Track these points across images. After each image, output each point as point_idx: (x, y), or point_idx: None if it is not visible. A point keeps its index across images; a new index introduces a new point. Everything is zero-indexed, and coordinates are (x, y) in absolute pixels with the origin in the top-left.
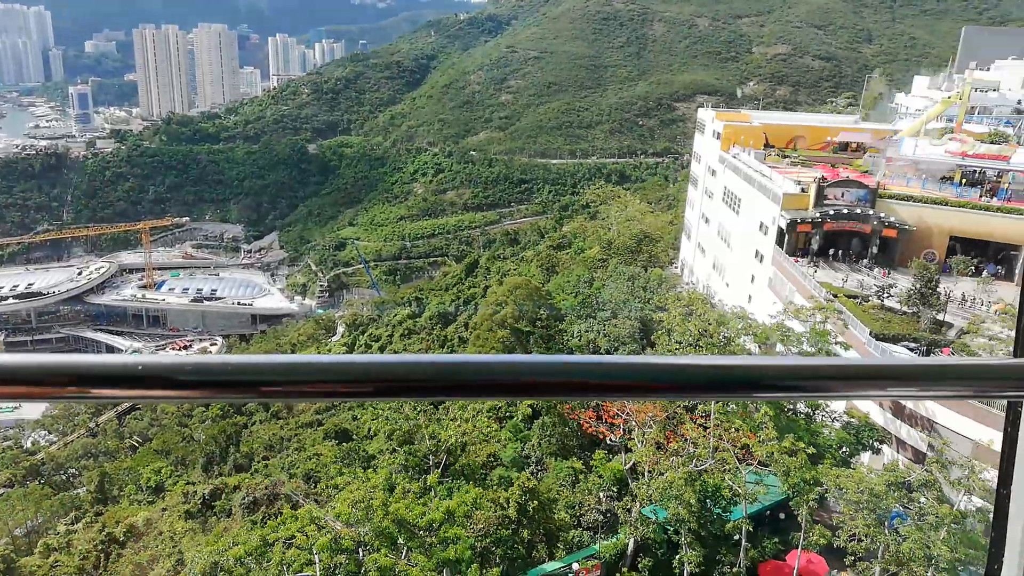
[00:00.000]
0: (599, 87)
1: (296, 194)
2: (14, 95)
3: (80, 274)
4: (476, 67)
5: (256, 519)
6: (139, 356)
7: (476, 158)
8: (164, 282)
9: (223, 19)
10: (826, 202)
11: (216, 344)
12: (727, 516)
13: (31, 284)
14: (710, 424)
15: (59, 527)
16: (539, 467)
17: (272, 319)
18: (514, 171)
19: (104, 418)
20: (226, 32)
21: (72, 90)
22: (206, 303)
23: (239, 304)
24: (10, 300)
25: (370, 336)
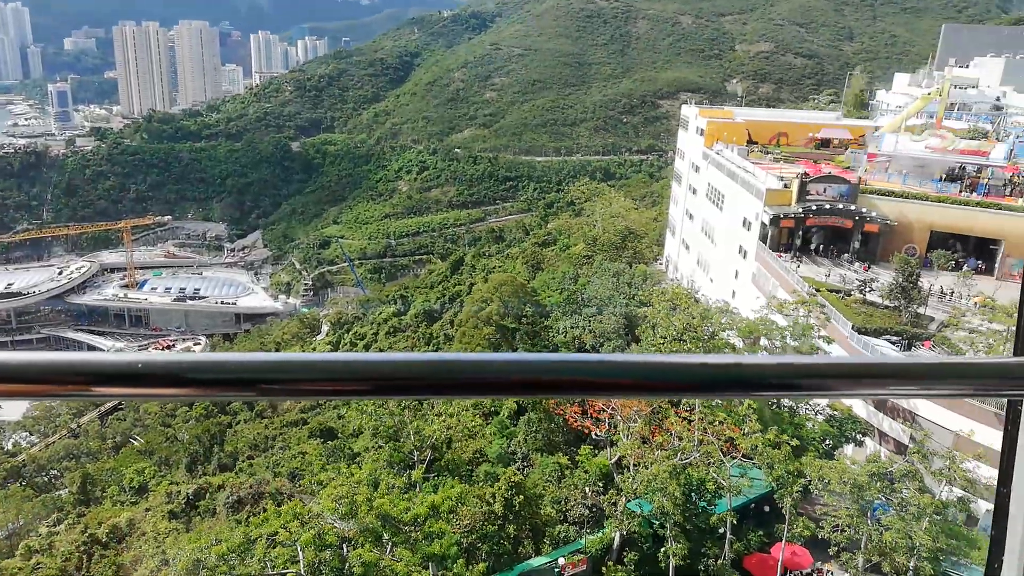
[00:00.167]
0: (583, 84)
1: (279, 192)
2: None
3: (61, 273)
4: (460, 64)
5: (240, 518)
6: (139, 354)
7: (461, 155)
8: (146, 281)
9: (204, 16)
10: (808, 198)
11: (200, 344)
12: (712, 509)
13: (11, 284)
14: (695, 418)
15: (41, 529)
16: (525, 463)
17: (256, 318)
18: (499, 168)
19: (86, 419)
20: (207, 29)
21: (51, 88)
22: (189, 302)
23: (222, 303)
24: None
25: (355, 334)
